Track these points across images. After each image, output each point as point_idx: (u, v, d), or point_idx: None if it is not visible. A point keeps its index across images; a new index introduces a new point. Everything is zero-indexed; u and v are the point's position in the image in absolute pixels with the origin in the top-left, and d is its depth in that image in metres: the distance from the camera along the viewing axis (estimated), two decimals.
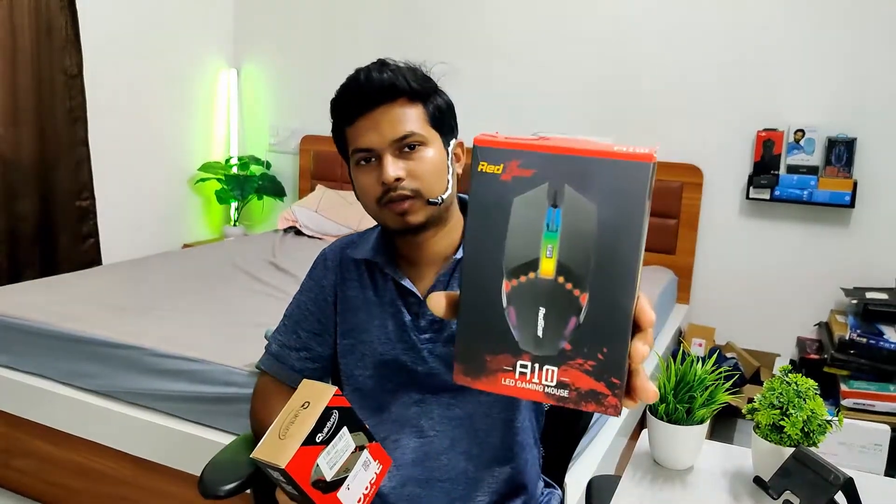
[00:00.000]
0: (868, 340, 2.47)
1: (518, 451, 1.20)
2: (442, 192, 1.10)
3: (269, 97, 4.05)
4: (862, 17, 2.82)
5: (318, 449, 0.89)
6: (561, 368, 0.49)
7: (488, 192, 0.48)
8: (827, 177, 2.85)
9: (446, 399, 1.15)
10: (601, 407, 0.49)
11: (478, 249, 0.49)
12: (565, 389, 0.49)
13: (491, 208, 0.48)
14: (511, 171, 0.48)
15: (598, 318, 0.48)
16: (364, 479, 0.94)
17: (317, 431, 0.89)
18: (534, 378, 0.50)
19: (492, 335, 0.50)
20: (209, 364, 1.92)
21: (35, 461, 2.17)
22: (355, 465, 0.93)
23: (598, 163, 0.46)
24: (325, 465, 0.89)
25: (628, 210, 0.46)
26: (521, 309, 0.49)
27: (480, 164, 0.48)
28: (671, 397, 1.10)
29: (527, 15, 3.36)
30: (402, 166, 1.07)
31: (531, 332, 0.49)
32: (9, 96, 2.92)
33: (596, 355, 0.48)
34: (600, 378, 0.48)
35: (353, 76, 1.12)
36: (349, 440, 0.93)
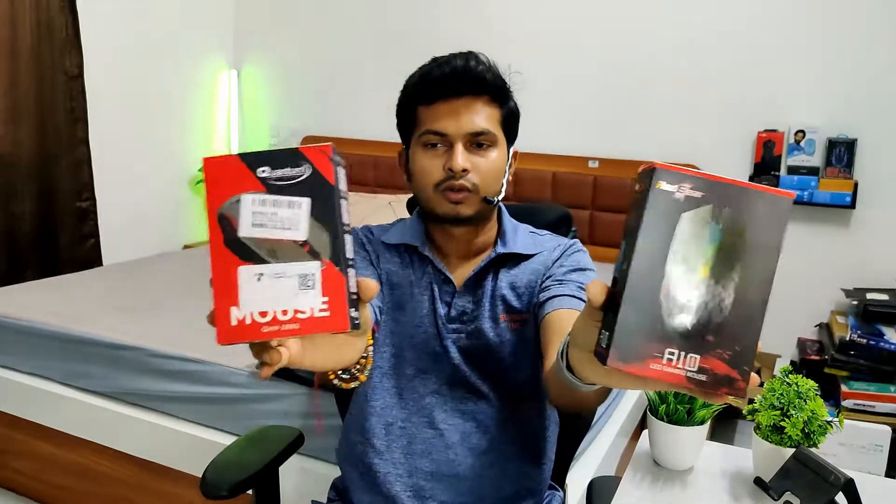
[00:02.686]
0: (868, 341, 2.47)
1: (536, 457, 1.20)
2: (497, 194, 1.13)
3: (269, 97, 4.05)
4: (862, 17, 2.82)
5: (250, 179, 0.63)
6: (703, 357, 0.59)
7: (663, 206, 0.59)
8: (827, 178, 2.85)
9: (462, 393, 1.16)
10: (732, 390, 0.59)
11: (648, 252, 0.59)
12: (704, 374, 0.59)
13: (664, 219, 0.59)
14: (685, 191, 0.59)
15: (739, 317, 0.59)
16: (287, 296, 0.62)
17: (266, 160, 0.63)
18: (679, 364, 0.58)
19: (648, 325, 0.58)
20: (210, 365, 1.92)
21: (35, 462, 2.17)
22: (290, 262, 0.62)
23: (754, 193, 0.59)
24: (246, 210, 0.62)
25: (772, 233, 0.60)
26: (676, 304, 0.59)
27: (658, 183, 0.59)
28: (672, 398, 1.10)
29: (527, 15, 3.36)
30: (470, 160, 1.09)
31: (682, 324, 0.59)
32: (9, 96, 2.92)
33: (734, 347, 0.58)
34: (735, 366, 0.58)
35: (444, 59, 1.11)
36: (301, 220, 0.62)
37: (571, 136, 3.28)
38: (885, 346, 2.45)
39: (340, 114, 3.83)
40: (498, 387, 1.16)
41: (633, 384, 0.61)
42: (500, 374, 1.16)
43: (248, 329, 0.61)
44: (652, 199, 0.59)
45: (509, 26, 3.37)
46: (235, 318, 0.62)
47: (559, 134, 3.27)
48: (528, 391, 1.18)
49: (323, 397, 1.76)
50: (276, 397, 1.84)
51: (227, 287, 0.62)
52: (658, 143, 3.17)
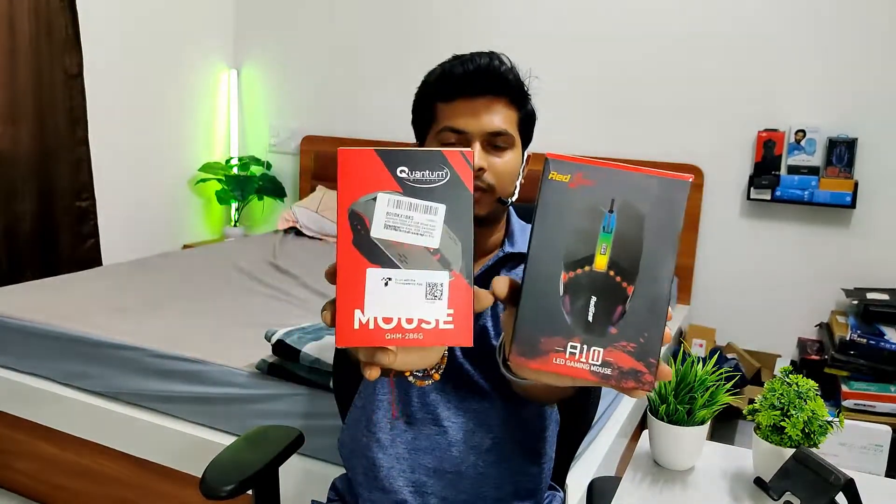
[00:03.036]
0: (869, 341, 2.47)
1: (536, 456, 1.20)
2: (511, 195, 1.14)
3: (269, 97, 4.05)
4: (863, 17, 2.82)
5: (387, 178, 0.60)
6: (606, 350, 0.58)
7: (556, 197, 0.58)
8: (828, 177, 2.85)
9: (465, 392, 1.16)
10: (639, 384, 0.57)
11: (542, 244, 0.58)
12: (609, 368, 0.58)
13: (557, 210, 0.58)
14: (577, 181, 0.58)
15: (641, 307, 0.57)
16: (413, 303, 0.60)
17: (406, 160, 0.60)
18: (581, 358, 0.58)
19: (548, 319, 0.58)
20: (210, 365, 1.92)
21: (35, 462, 2.17)
22: (420, 269, 0.60)
23: (650, 179, 0.57)
24: (381, 210, 0.60)
25: (670, 218, 0.57)
26: (575, 297, 0.58)
27: (552, 174, 0.58)
28: (672, 398, 1.09)
29: (527, 15, 3.36)
30: (486, 159, 1.09)
31: (583, 317, 0.58)
32: (9, 96, 2.92)
33: (638, 339, 0.57)
34: (641, 358, 0.57)
35: (466, 57, 1.11)
36: (436, 226, 0.60)
37: (571, 136, 3.28)
38: (885, 346, 2.45)
39: (340, 114, 3.83)
40: (501, 386, 1.17)
41: (540, 378, 0.60)
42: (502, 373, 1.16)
43: (370, 334, 0.59)
44: (545, 190, 0.58)
45: (510, 27, 3.37)
46: (359, 321, 0.59)
47: (559, 134, 3.26)
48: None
49: (323, 397, 1.76)
50: (276, 397, 1.84)
51: (352, 288, 0.60)
52: (658, 143, 3.17)
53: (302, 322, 1.99)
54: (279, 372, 1.84)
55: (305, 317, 2.18)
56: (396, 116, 1.26)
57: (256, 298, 2.52)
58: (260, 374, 1.87)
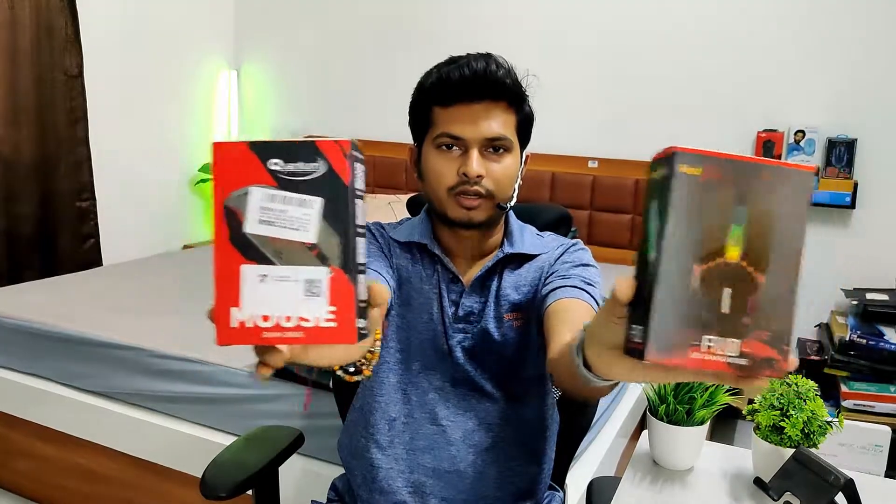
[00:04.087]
0: (868, 341, 2.47)
1: (536, 456, 1.20)
2: (509, 199, 1.12)
3: (269, 97, 4.05)
4: (862, 17, 2.82)
5: (260, 171, 0.58)
6: (743, 341, 0.57)
7: (689, 191, 0.58)
8: (827, 178, 2.85)
9: (465, 391, 1.16)
10: (774, 371, 0.58)
11: (675, 238, 0.57)
12: (745, 359, 0.57)
13: (689, 203, 0.58)
14: (707, 174, 0.59)
15: (773, 296, 0.58)
16: (292, 301, 0.58)
17: (279, 152, 0.58)
18: (718, 350, 0.57)
19: (684, 314, 0.57)
20: (209, 365, 1.92)
21: (35, 462, 2.17)
22: (296, 265, 0.58)
23: (777, 170, 0.58)
24: (254, 204, 0.58)
25: (797, 207, 0.58)
26: (710, 290, 0.57)
27: (681, 167, 0.59)
28: (671, 398, 1.10)
29: (527, 16, 3.36)
30: (485, 165, 1.08)
31: (718, 309, 0.57)
32: (9, 96, 2.92)
33: (771, 327, 0.58)
34: (775, 345, 0.58)
35: (463, 60, 1.09)
36: (312, 220, 0.58)
37: (571, 137, 3.28)
38: (885, 346, 2.45)
39: (340, 113, 3.83)
40: (501, 385, 1.17)
41: (668, 376, 0.60)
42: (503, 372, 1.17)
43: (248, 332, 0.58)
44: (676, 184, 0.59)
45: (509, 27, 3.37)
46: (236, 319, 0.58)
47: (559, 134, 3.26)
48: (530, 389, 1.19)
49: (323, 397, 1.76)
50: (276, 397, 1.84)
51: (228, 285, 0.58)
52: (658, 144, 3.13)
53: None
54: (279, 372, 1.82)
55: None
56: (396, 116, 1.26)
57: None
58: None
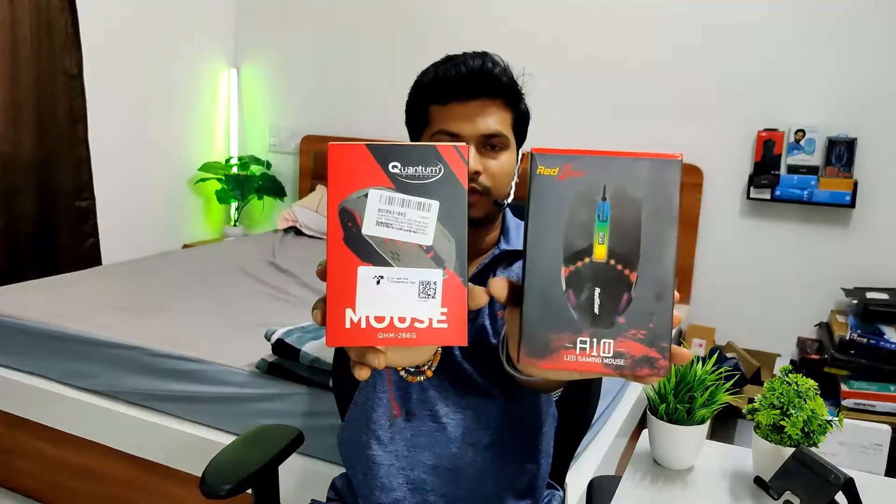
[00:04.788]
0: (868, 340, 2.47)
1: (534, 453, 1.20)
2: (506, 196, 1.13)
3: (269, 97, 4.05)
4: (862, 17, 2.82)
5: (378, 174, 0.58)
6: (617, 340, 0.57)
7: (546, 191, 0.57)
8: (827, 177, 2.85)
9: (464, 389, 1.16)
10: (653, 370, 0.57)
11: (539, 241, 0.57)
12: (621, 359, 0.57)
13: (549, 205, 0.57)
14: (566, 173, 0.57)
15: (646, 293, 0.56)
16: (406, 302, 0.59)
17: (398, 156, 0.58)
18: (593, 352, 0.57)
19: (553, 316, 0.57)
20: (209, 364, 1.92)
21: (35, 462, 2.17)
22: (413, 267, 0.59)
23: (639, 161, 0.57)
24: (372, 207, 0.58)
25: (666, 199, 0.56)
26: (578, 290, 0.57)
27: (539, 168, 0.57)
28: (671, 397, 1.10)
29: (526, 15, 3.36)
30: (482, 162, 1.09)
31: (589, 310, 0.57)
32: (9, 96, 2.92)
33: (647, 325, 0.56)
34: (652, 345, 0.56)
35: (459, 58, 1.10)
36: (429, 223, 0.59)
37: (571, 136, 3.28)
38: (885, 345, 2.45)
39: (340, 113, 3.83)
40: (499, 383, 1.17)
41: (554, 376, 0.60)
42: (500, 369, 1.16)
43: (362, 333, 0.58)
44: (534, 186, 0.57)
45: (509, 27, 3.37)
46: (350, 320, 0.58)
47: (558, 133, 3.26)
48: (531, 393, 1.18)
49: (323, 396, 1.76)
50: (276, 397, 1.84)
51: (343, 287, 0.58)
52: (658, 143, 3.17)
53: (302, 321, 1.99)
54: (279, 371, 1.84)
55: (305, 316, 2.18)
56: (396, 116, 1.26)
57: (256, 298, 2.52)
58: (260, 374, 1.87)
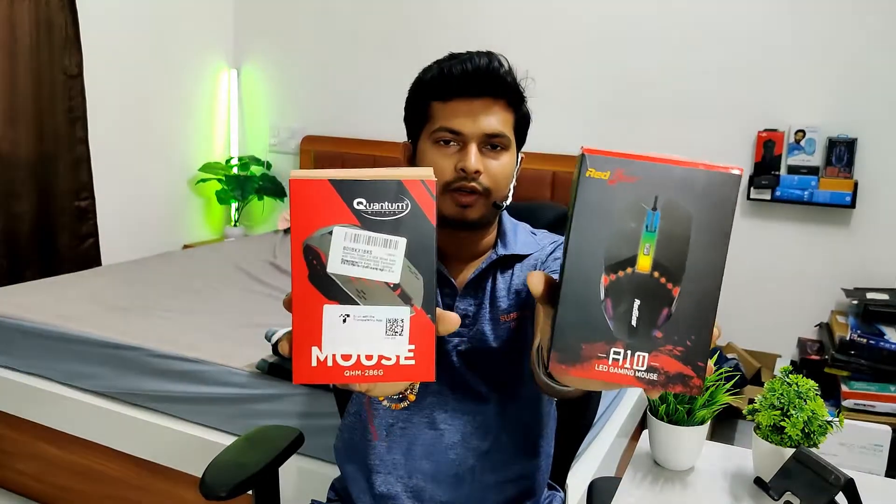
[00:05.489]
0: (869, 341, 2.47)
1: (534, 455, 1.20)
2: (505, 198, 1.12)
3: (269, 97, 4.05)
4: (862, 17, 2.81)
5: (343, 211, 0.57)
6: (651, 354, 0.55)
7: (595, 195, 0.55)
8: (828, 177, 2.85)
9: (462, 395, 1.15)
10: (686, 388, 0.56)
11: (581, 246, 0.55)
12: (655, 373, 0.56)
13: (596, 210, 0.55)
14: (617, 178, 0.55)
15: (688, 309, 0.55)
16: (373, 340, 0.58)
17: (363, 191, 0.57)
18: (626, 364, 0.56)
19: (589, 325, 0.55)
20: (210, 365, 1.92)
21: (36, 462, 2.17)
22: (380, 305, 0.58)
23: (696, 172, 0.54)
24: (337, 245, 0.57)
25: (720, 215, 0.54)
26: (617, 301, 0.55)
27: (589, 171, 0.55)
28: (672, 398, 1.10)
29: (527, 15, 3.36)
30: (483, 162, 1.08)
31: (626, 321, 0.55)
32: (8, 95, 2.92)
33: (685, 342, 0.55)
34: (688, 362, 0.55)
35: (465, 56, 1.09)
36: (396, 261, 0.58)
37: (571, 136, 3.28)
38: (885, 345, 2.45)
39: (340, 114, 3.83)
40: (498, 387, 1.16)
41: (583, 385, 0.59)
42: (500, 374, 1.16)
43: (328, 371, 0.59)
44: (582, 188, 0.55)
45: (509, 27, 3.37)
46: (316, 358, 0.58)
47: (559, 134, 3.26)
48: (527, 389, 1.18)
49: (322, 397, 1.76)
50: (276, 397, 1.84)
51: (309, 325, 0.58)
52: (658, 143, 3.17)
53: None
54: (279, 372, 1.84)
55: None
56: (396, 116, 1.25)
57: (257, 298, 2.51)
58: (260, 374, 1.87)
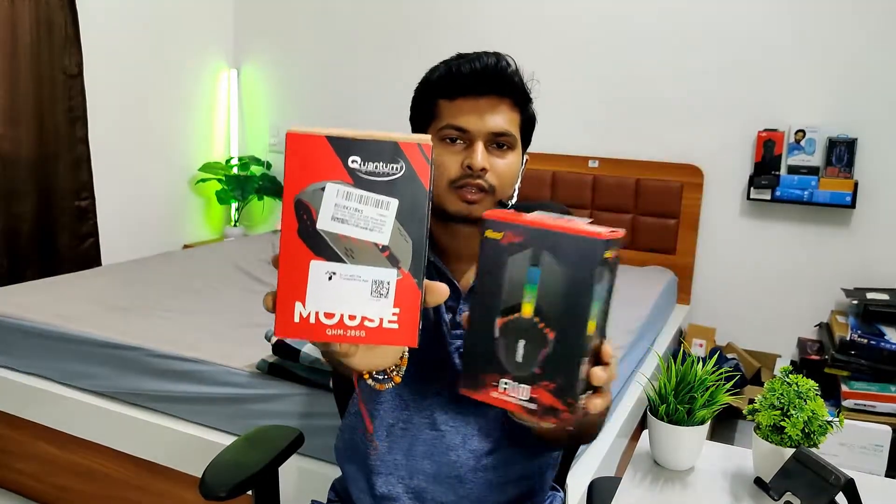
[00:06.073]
0: (869, 341, 2.47)
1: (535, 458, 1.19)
2: (510, 198, 1.12)
3: (269, 97, 4.05)
4: (862, 17, 2.82)
5: (337, 167, 0.57)
6: (532, 387, 0.65)
7: (493, 251, 0.66)
8: (828, 177, 2.85)
9: (463, 397, 1.14)
10: (558, 420, 0.65)
11: (483, 293, 0.67)
12: (534, 404, 0.65)
13: (493, 263, 0.66)
14: (508, 238, 0.65)
15: (560, 351, 0.64)
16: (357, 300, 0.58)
17: (359, 150, 0.57)
18: (513, 393, 0.66)
19: (487, 357, 0.67)
20: (210, 365, 1.92)
21: (36, 462, 2.17)
22: (367, 266, 0.58)
23: (566, 237, 0.64)
24: (329, 201, 0.57)
25: (583, 273, 0.63)
26: (507, 339, 0.66)
27: (487, 232, 0.66)
28: (672, 398, 1.09)
29: (527, 16, 3.36)
30: (489, 160, 1.08)
31: (513, 357, 0.66)
32: (8, 95, 2.92)
33: (556, 379, 0.64)
34: (559, 397, 0.65)
35: (473, 55, 1.10)
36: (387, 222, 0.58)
37: (571, 136, 3.28)
38: (885, 345, 2.45)
39: (340, 114, 3.83)
40: None
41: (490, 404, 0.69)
42: None
43: (311, 328, 0.59)
44: (483, 247, 0.66)
45: (509, 27, 3.37)
46: (299, 313, 0.58)
47: (559, 134, 3.26)
48: None
49: (323, 397, 1.76)
50: (276, 397, 1.84)
51: (294, 280, 0.58)
52: (658, 143, 3.17)
53: None
54: (279, 372, 1.84)
55: None
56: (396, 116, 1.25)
57: (256, 298, 2.51)
58: (260, 374, 1.87)
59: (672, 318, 3.00)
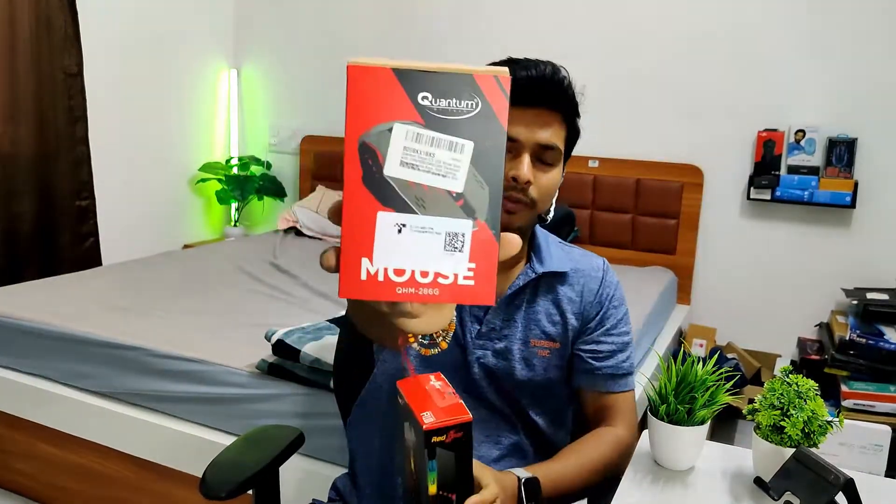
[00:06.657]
0: (868, 341, 2.47)
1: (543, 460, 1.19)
2: (548, 212, 1.11)
3: (269, 97, 4.05)
4: (862, 16, 2.82)
5: (405, 105, 0.51)
6: None
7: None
8: (828, 177, 2.85)
9: (475, 403, 1.14)
10: None
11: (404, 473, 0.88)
12: None
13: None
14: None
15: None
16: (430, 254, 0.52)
17: (430, 84, 0.51)
18: None
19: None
20: (210, 365, 1.92)
21: (36, 463, 2.17)
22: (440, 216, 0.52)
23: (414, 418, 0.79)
24: (397, 144, 0.51)
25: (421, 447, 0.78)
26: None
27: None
28: (672, 398, 1.09)
29: (527, 15, 3.36)
30: (533, 173, 1.05)
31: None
32: (8, 95, 2.92)
33: None
34: None
35: (528, 62, 1.05)
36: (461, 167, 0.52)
37: None
38: (885, 345, 2.45)
39: (340, 114, 3.78)
40: (512, 404, 1.15)
41: None
42: (518, 396, 1.15)
43: (379, 286, 0.52)
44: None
45: (510, 28, 3.37)
46: (366, 271, 0.51)
47: None
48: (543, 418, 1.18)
49: (323, 397, 1.76)
50: (276, 397, 1.84)
51: (360, 233, 0.51)
52: (658, 143, 3.17)
53: (302, 322, 1.99)
54: (279, 372, 1.84)
55: (306, 317, 2.18)
56: None
57: (257, 298, 2.51)
58: (260, 374, 1.87)
59: (672, 318, 3.00)
